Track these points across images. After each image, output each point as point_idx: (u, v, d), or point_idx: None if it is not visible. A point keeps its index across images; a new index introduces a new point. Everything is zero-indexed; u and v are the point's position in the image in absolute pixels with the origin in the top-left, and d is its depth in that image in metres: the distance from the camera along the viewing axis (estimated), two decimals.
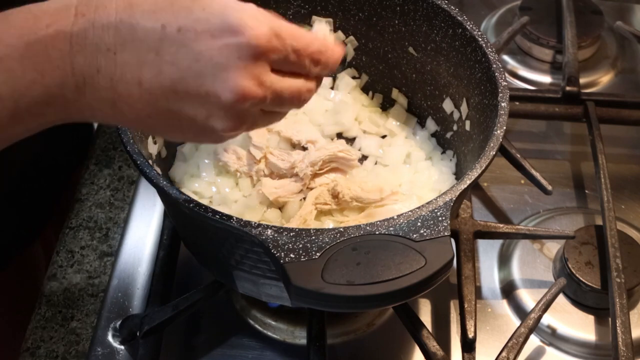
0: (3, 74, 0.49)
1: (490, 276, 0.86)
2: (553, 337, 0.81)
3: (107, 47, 0.50)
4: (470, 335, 0.75)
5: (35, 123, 0.52)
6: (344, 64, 0.67)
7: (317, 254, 0.57)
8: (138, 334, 0.74)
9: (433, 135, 0.88)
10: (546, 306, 0.76)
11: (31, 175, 0.95)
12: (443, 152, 0.86)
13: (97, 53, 0.50)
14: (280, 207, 0.78)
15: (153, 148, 0.77)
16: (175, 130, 0.55)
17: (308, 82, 0.57)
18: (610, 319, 0.76)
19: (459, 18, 0.78)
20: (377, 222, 0.60)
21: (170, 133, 0.56)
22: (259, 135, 0.82)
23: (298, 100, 0.57)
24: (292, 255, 0.57)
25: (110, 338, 0.78)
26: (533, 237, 0.85)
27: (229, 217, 0.60)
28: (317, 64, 0.56)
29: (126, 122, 0.56)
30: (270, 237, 0.58)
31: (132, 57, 0.50)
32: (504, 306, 0.84)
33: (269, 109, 0.56)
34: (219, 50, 0.50)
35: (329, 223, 0.77)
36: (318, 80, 0.59)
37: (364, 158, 0.86)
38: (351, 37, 0.88)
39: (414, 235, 0.59)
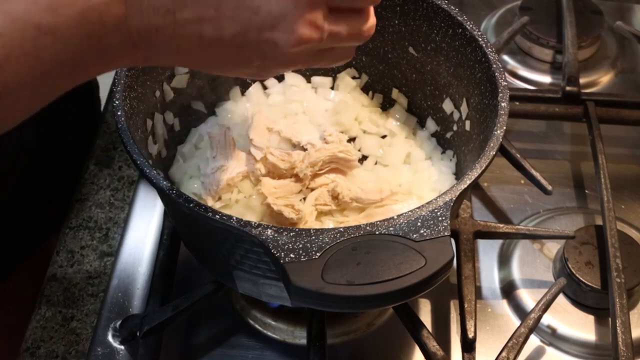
0: (59, 43, 0.49)
1: (490, 276, 0.86)
2: (553, 337, 0.81)
3: (165, 8, 0.52)
4: (470, 335, 0.75)
5: (92, 71, 0.54)
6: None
7: (317, 254, 0.57)
8: (138, 334, 0.74)
9: (433, 135, 0.88)
10: (546, 306, 0.76)
11: (41, 174, 0.95)
12: (443, 152, 0.86)
13: (154, 14, 0.52)
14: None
15: (153, 148, 0.77)
16: (231, 68, 0.58)
17: (365, 17, 0.59)
18: (610, 319, 0.76)
19: (459, 18, 0.78)
20: (377, 222, 0.60)
21: (226, 71, 0.60)
22: (259, 135, 0.82)
23: (358, 36, 0.59)
24: (292, 255, 0.57)
25: (110, 338, 0.78)
26: (533, 237, 0.85)
27: (229, 217, 0.60)
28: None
29: (184, 64, 0.64)
30: (270, 237, 0.58)
31: (192, 14, 0.52)
32: (504, 306, 0.84)
33: (329, 46, 0.58)
34: (276, 2, 0.53)
35: (329, 223, 0.77)
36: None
37: (364, 158, 0.86)
38: None
39: (414, 235, 0.59)
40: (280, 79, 0.91)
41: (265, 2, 0.53)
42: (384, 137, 0.89)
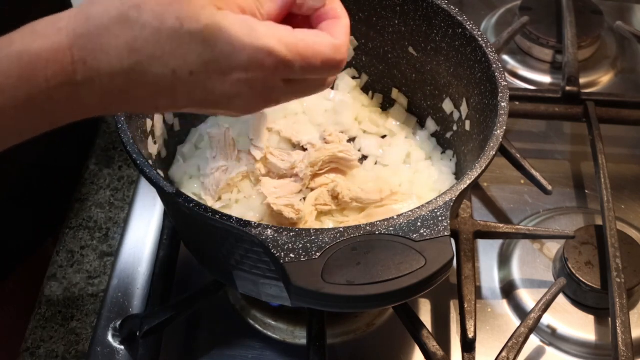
0: (6, 122, 0.49)
1: (490, 276, 0.86)
2: (553, 337, 0.81)
3: (119, 90, 0.51)
4: (470, 335, 0.75)
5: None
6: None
7: (317, 254, 0.57)
8: (138, 334, 0.74)
9: (433, 135, 0.88)
10: (546, 306, 0.76)
11: (39, 176, 0.95)
12: (443, 152, 0.86)
13: (108, 95, 0.51)
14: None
15: (153, 148, 0.77)
16: (204, 109, 0.57)
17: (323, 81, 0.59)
18: (610, 319, 0.76)
19: (459, 18, 0.78)
20: (377, 222, 0.60)
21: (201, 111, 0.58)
22: (259, 135, 0.82)
23: (322, 85, 0.58)
24: (292, 255, 0.57)
25: (110, 338, 0.78)
26: (533, 237, 0.85)
27: (229, 217, 0.60)
28: (333, 68, 0.57)
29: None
30: (270, 237, 0.58)
31: (146, 94, 0.52)
32: (504, 306, 0.84)
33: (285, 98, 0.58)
34: (230, 85, 0.52)
35: (329, 223, 0.77)
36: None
37: (364, 158, 0.86)
38: (351, 37, 0.88)
39: (414, 235, 0.59)
40: None
41: (220, 85, 0.52)
42: (384, 137, 0.89)
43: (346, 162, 0.81)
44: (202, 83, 0.52)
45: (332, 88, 0.92)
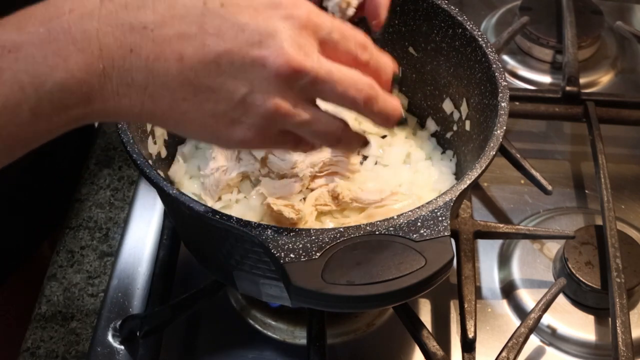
0: (23, 61, 0.46)
1: (490, 276, 0.86)
2: (553, 337, 0.81)
3: (143, 25, 0.48)
4: (470, 335, 0.75)
5: (57, 118, 0.48)
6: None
7: (317, 254, 0.57)
8: (138, 334, 0.74)
9: (433, 135, 0.88)
10: (546, 306, 0.76)
11: (35, 178, 0.95)
12: (443, 152, 0.86)
13: (130, 32, 0.48)
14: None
15: (153, 148, 0.77)
16: (207, 120, 0.52)
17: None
18: (610, 319, 0.76)
19: (459, 18, 0.78)
20: (377, 222, 0.60)
21: (201, 125, 0.53)
22: None
23: (332, 140, 0.56)
24: (292, 255, 0.57)
25: (110, 338, 0.78)
26: (533, 237, 0.85)
27: (229, 217, 0.60)
28: (365, 50, 0.55)
29: (154, 111, 0.51)
30: (270, 237, 0.58)
31: (172, 32, 0.48)
32: (504, 306, 0.84)
33: (319, 95, 0.53)
34: (264, 21, 0.50)
35: (329, 223, 0.77)
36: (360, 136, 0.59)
37: (364, 158, 0.86)
38: None
39: (414, 235, 0.59)
40: None
41: (252, 21, 0.49)
42: (384, 137, 0.89)
43: (346, 166, 0.81)
44: (233, 15, 0.49)
45: None
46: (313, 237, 0.58)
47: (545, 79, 1.11)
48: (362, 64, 0.55)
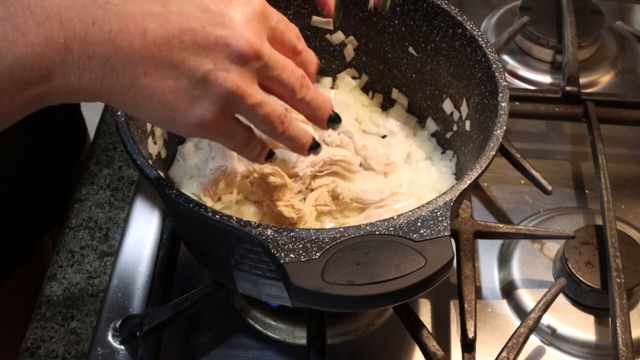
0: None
1: (490, 276, 0.86)
2: (553, 337, 0.81)
3: (106, 0, 0.48)
4: (470, 335, 0.75)
5: (18, 96, 0.48)
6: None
7: (317, 254, 0.57)
8: (138, 334, 0.74)
9: (433, 135, 0.88)
10: (546, 306, 0.76)
11: (30, 172, 0.95)
12: (443, 152, 0.86)
13: (93, 6, 0.48)
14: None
15: (153, 148, 0.77)
16: (167, 96, 0.52)
17: (292, 119, 0.60)
18: (610, 319, 0.76)
19: (459, 18, 0.78)
20: (377, 222, 0.60)
21: (160, 102, 0.53)
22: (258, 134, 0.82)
23: (277, 123, 0.58)
24: (292, 255, 0.57)
25: (110, 338, 0.78)
26: (533, 237, 0.85)
27: (229, 217, 0.60)
28: (300, 41, 0.60)
29: (114, 86, 0.51)
30: (270, 237, 0.58)
31: (136, 8, 0.49)
32: (504, 306, 0.84)
33: (266, 79, 0.56)
34: (225, 5, 0.52)
35: (329, 223, 0.77)
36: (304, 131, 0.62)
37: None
38: (351, 37, 0.88)
39: (414, 235, 0.59)
40: None
41: (214, 3, 0.52)
42: (384, 137, 0.89)
43: (347, 166, 0.81)
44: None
45: (332, 88, 0.92)
46: (313, 237, 0.58)
47: (545, 79, 1.11)
48: (297, 53, 0.60)
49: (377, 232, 0.59)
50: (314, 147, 0.64)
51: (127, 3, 0.49)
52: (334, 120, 0.63)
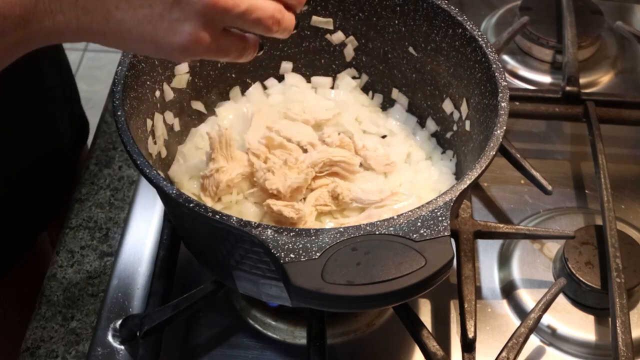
0: None
1: (490, 276, 0.86)
2: (553, 337, 0.81)
3: None
4: (470, 335, 0.75)
5: None
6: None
7: (317, 254, 0.57)
8: (138, 334, 0.74)
9: (433, 135, 0.88)
10: (546, 306, 0.76)
11: (29, 170, 0.95)
12: (443, 152, 0.86)
13: None
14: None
15: (153, 148, 0.77)
16: (145, 27, 0.52)
17: (283, 10, 0.57)
18: (610, 319, 0.76)
19: (459, 18, 0.78)
20: (377, 222, 0.60)
21: (140, 34, 0.52)
22: (256, 138, 0.82)
23: (271, 23, 0.56)
24: (292, 255, 0.57)
25: (110, 338, 0.78)
26: (533, 237, 0.85)
27: (229, 217, 0.60)
28: None
29: (90, 25, 0.51)
30: (270, 237, 0.58)
31: None
32: (504, 306, 0.84)
33: (237, 24, 0.55)
34: None
35: (329, 223, 0.77)
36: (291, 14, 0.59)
37: None
38: (351, 37, 0.88)
39: (414, 235, 0.59)
40: (280, 79, 0.91)
41: None
42: (384, 137, 0.89)
43: (347, 166, 0.81)
44: None
45: (332, 88, 0.92)
46: (313, 237, 0.58)
47: (545, 79, 1.11)
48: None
49: (377, 232, 0.59)
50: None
51: None
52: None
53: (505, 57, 1.13)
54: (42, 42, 0.52)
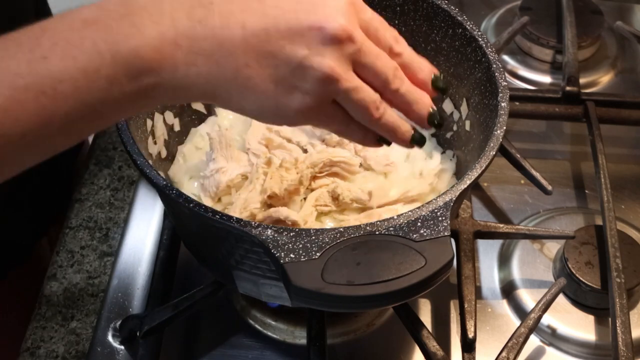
0: (102, 31, 0.49)
1: (490, 276, 0.86)
2: (553, 337, 0.81)
3: (209, 1, 0.52)
4: (470, 335, 0.75)
5: (129, 86, 0.51)
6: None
7: (317, 254, 0.57)
8: (138, 334, 0.74)
9: (433, 135, 0.88)
10: (546, 306, 0.76)
11: (29, 172, 0.95)
12: (443, 152, 0.86)
13: (198, 7, 0.52)
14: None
15: (153, 148, 0.77)
16: (268, 85, 0.55)
17: (387, 107, 0.59)
18: (610, 319, 0.76)
19: (459, 18, 0.78)
20: (377, 222, 0.60)
21: (263, 92, 0.55)
22: (256, 139, 0.82)
23: (373, 109, 0.58)
24: (292, 255, 0.57)
25: (110, 338, 0.78)
26: (533, 237, 0.85)
27: (229, 217, 0.60)
28: (397, 43, 0.60)
29: (219, 78, 0.55)
30: (270, 237, 0.58)
31: (235, 6, 0.53)
32: (504, 306, 0.84)
33: (360, 67, 0.57)
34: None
35: (329, 223, 0.77)
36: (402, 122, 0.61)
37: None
38: None
39: (414, 235, 0.59)
40: None
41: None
42: None
43: (347, 167, 0.81)
44: None
45: None
46: (313, 237, 0.58)
47: (545, 79, 1.11)
48: (395, 55, 0.60)
49: (377, 232, 0.59)
50: (418, 140, 0.62)
51: (227, 3, 0.53)
52: (433, 117, 0.61)
53: (505, 57, 1.13)
54: (169, 95, 0.54)
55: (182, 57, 0.52)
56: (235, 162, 0.79)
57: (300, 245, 0.57)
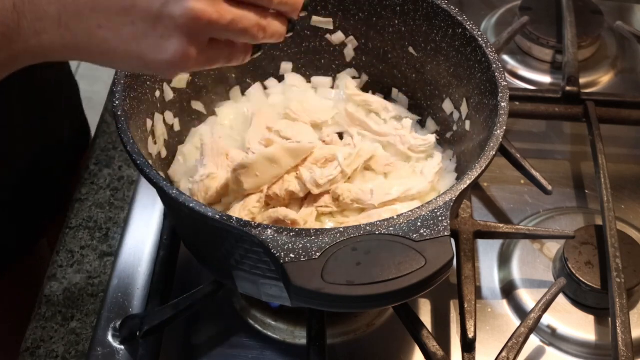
0: None
1: (490, 276, 0.86)
2: (553, 337, 0.81)
3: None
4: (470, 335, 0.75)
5: None
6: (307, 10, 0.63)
7: (317, 254, 0.57)
8: (138, 334, 0.74)
9: (435, 135, 0.88)
10: (546, 306, 0.76)
11: (30, 173, 0.95)
12: (443, 152, 0.86)
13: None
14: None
15: (153, 148, 0.77)
16: (130, 45, 0.51)
17: (269, 18, 0.55)
18: (610, 319, 0.76)
19: (459, 18, 0.78)
20: (377, 222, 0.60)
21: (126, 52, 0.51)
22: (256, 139, 0.82)
23: (257, 31, 0.54)
24: (292, 255, 0.57)
25: (110, 338, 0.78)
26: (533, 237, 0.85)
27: (229, 217, 0.60)
28: None
29: (76, 44, 0.51)
30: (270, 237, 0.58)
31: None
32: (504, 306, 0.84)
33: (223, 36, 0.53)
34: None
35: (329, 223, 0.77)
36: (281, 20, 0.57)
37: None
38: (351, 37, 0.88)
39: (414, 235, 0.59)
40: (281, 79, 0.91)
41: None
42: None
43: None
44: None
45: (332, 88, 0.92)
46: (313, 237, 0.58)
47: (545, 79, 1.11)
48: (270, 9, 0.56)
49: (377, 232, 0.59)
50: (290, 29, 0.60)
51: None
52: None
53: (505, 57, 1.13)
54: (29, 61, 0.52)
55: (29, 25, 0.49)
56: (225, 170, 0.78)
57: (300, 245, 0.57)
